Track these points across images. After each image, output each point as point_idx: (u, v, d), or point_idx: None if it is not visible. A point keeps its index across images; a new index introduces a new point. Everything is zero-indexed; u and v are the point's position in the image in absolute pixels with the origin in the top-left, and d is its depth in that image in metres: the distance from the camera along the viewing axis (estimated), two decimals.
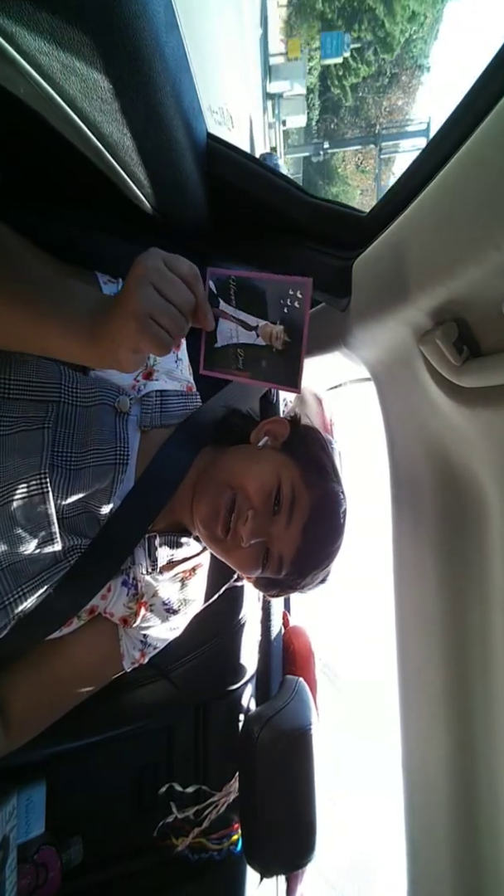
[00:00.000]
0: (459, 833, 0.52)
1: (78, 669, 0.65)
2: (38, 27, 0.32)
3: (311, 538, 0.60)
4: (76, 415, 0.56)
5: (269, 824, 0.78)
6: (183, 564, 0.69)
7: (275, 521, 0.60)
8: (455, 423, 0.46)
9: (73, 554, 0.57)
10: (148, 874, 0.87)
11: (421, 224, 0.43)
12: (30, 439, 0.53)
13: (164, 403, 0.65)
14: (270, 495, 0.59)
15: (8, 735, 0.60)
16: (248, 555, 0.60)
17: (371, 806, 5.90)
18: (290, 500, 0.60)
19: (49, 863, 0.79)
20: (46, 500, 0.53)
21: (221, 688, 0.93)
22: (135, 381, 0.63)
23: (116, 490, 0.59)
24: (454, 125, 0.41)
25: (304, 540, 0.60)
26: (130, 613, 0.65)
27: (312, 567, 0.62)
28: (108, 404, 0.59)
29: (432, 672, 0.54)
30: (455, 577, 0.52)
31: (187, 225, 0.65)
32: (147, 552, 0.64)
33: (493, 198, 0.31)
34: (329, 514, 0.62)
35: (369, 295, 0.55)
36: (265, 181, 0.61)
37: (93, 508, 0.58)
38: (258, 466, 0.62)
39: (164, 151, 0.48)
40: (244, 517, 0.58)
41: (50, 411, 0.54)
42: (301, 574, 0.62)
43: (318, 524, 0.61)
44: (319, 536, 0.62)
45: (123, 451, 0.59)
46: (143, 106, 0.41)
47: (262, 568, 0.61)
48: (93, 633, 0.65)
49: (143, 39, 0.36)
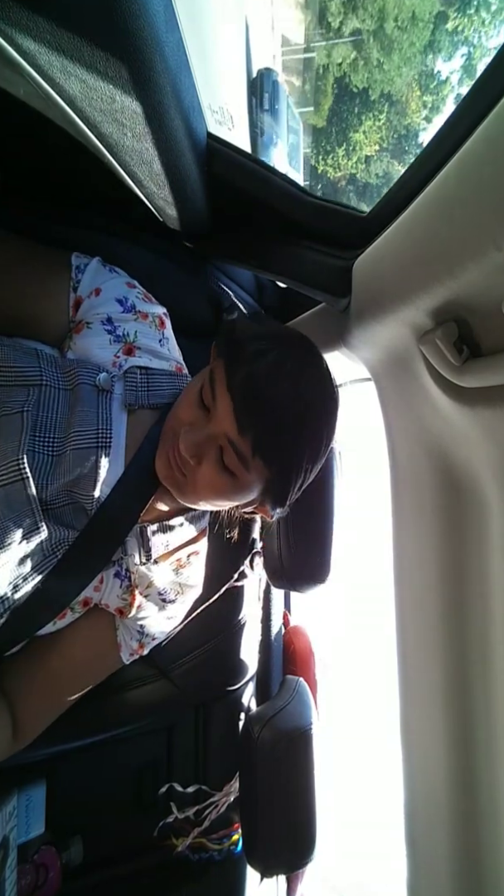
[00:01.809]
0: (459, 832, 0.52)
1: (77, 662, 0.65)
2: (37, 28, 0.32)
3: (238, 389, 0.50)
4: (58, 397, 0.55)
5: (270, 824, 0.78)
6: (179, 553, 0.66)
7: (210, 417, 0.53)
8: (455, 423, 0.46)
9: (61, 547, 0.55)
10: (148, 874, 0.87)
11: (421, 224, 0.43)
12: (8, 424, 0.52)
13: (151, 382, 0.63)
14: (194, 402, 0.54)
15: (15, 736, 0.60)
16: (207, 470, 0.53)
17: (371, 806, 5.90)
18: (210, 386, 0.53)
19: (49, 863, 0.79)
20: (27, 486, 0.51)
21: (222, 688, 0.93)
22: (115, 356, 0.61)
23: (101, 476, 0.56)
24: (454, 125, 0.41)
25: (233, 399, 0.50)
26: (125, 604, 0.64)
27: (265, 423, 0.50)
28: (89, 383, 0.57)
29: (432, 671, 0.54)
30: (455, 577, 0.52)
31: (187, 225, 0.64)
32: (140, 542, 0.62)
33: (492, 198, 0.31)
34: (247, 356, 0.51)
35: (369, 295, 0.55)
36: (265, 181, 0.61)
37: (79, 497, 0.56)
38: (183, 392, 0.58)
39: (164, 151, 0.48)
40: (179, 438, 0.53)
41: (31, 395, 0.53)
42: (262, 446, 0.51)
43: (237, 372, 0.51)
44: (244, 381, 0.50)
45: (106, 433, 0.56)
46: (142, 106, 0.41)
47: (231, 471, 0.53)
48: (90, 625, 0.65)
49: (143, 39, 0.36)
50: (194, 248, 0.73)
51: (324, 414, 0.55)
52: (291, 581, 0.84)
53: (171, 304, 0.69)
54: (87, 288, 0.61)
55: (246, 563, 0.88)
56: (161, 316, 0.66)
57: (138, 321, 0.63)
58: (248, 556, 0.90)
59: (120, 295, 0.62)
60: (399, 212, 0.48)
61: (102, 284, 0.61)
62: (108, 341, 0.61)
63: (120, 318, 0.61)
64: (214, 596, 0.81)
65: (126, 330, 0.62)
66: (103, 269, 0.63)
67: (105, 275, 0.63)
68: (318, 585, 0.86)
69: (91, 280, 0.61)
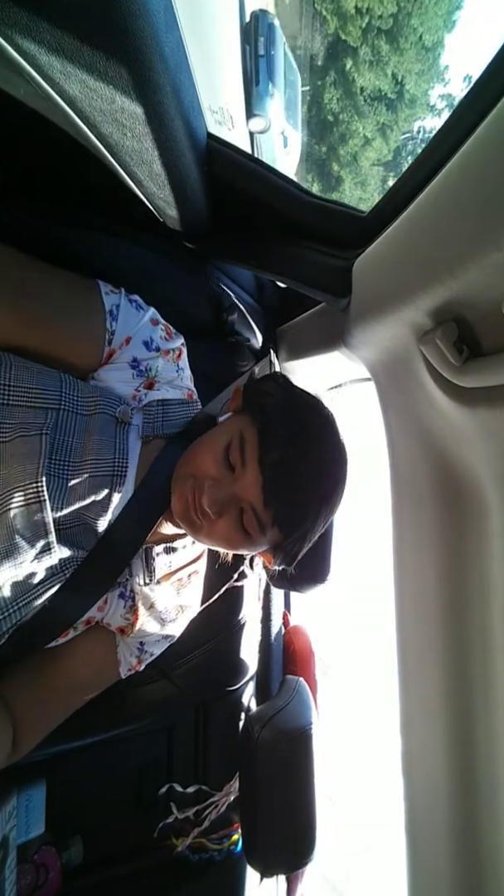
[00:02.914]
0: (460, 831, 0.52)
1: (76, 677, 0.65)
2: (37, 28, 0.32)
3: (269, 468, 0.54)
4: (76, 423, 0.55)
5: (270, 824, 0.78)
6: (180, 573, 0.68)
7: (235, 478, 0.56)
8: (455, 423, 0.46)
9: (70, 566, 0.56)
10: (148, 874, 0.87)
11: (421, 224, 0.43)
12: (27, 445, 0.52)
13: (166, 413, 0.65)
14: (220, 457, 0.56)
15: (15, 747, 0.60)
16: (225, 525, 0.57)
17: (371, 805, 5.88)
18: (239, 447, 0.55)
19: (49, 863, 0.79)
20: (44, 509, 0.52)
21: (222, 688, 0.93)
22: (135, 391, 0.62)
23: (113, 503, 0.58)
24: (454, 125, 0.41)
25: (264, 475, 0.54)
26: (127, 624, 0.65)
27: (288, 502, 0.55)
28: (110, 414, 0.58)
29: (432, 671, 0.54)
30: (455, 577, 0.52)
31: (187, 225, 0.64)
32: (145, 563, 0.64)
33: (493, 198, 0.31)
34: (281, 436, 0.55)
35: (369, 295, 0.55)
36: (265, 181, 0.61)
37: (89, 520, 0.57)
38: (207, 440, 0.60)
39: (164, 151, 0.48)
40: (203, 489, 0.55)
41: (49, 418, 0.53)
42: (282, 519, 0.55)
43: (270, 451, 0.54)
44: (276, 463, 0.54)
45: (122, 464, 0.58)
46: (142, 106, 0.41)
47: (247, 532, 0.57)
48: (90, 641, 0.66)
49: (143, 39, 0.36)
50: (194, 248, 0.73)
51: (340, 488, 0.60)
52: (291, 581, 0.84)
53: (170, 303, 0.69)
54: (120, 339, 0.60)
55: (246, 563, 0.88)
56: (180, 347, 0.67)
57: (161, 358, 0.64)
58: (248, 556, 0.90)
59: (147, 337, 0.62)
60: (399, 212, 0.48)
61: (132, 332, 0.61)
62: (132, 376, 0.62)
63: (145, 358, 0.62)
64: (215, 596, 0.81)
65: (149, 366, 0.63)
66: (131, 309, 0.61)
67: (133, 318, 0.61)
68: (318, 585, 0.86)
69: (123, 329, 0.60)
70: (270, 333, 1.01)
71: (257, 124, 6.83)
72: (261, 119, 6.78)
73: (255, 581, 0.93)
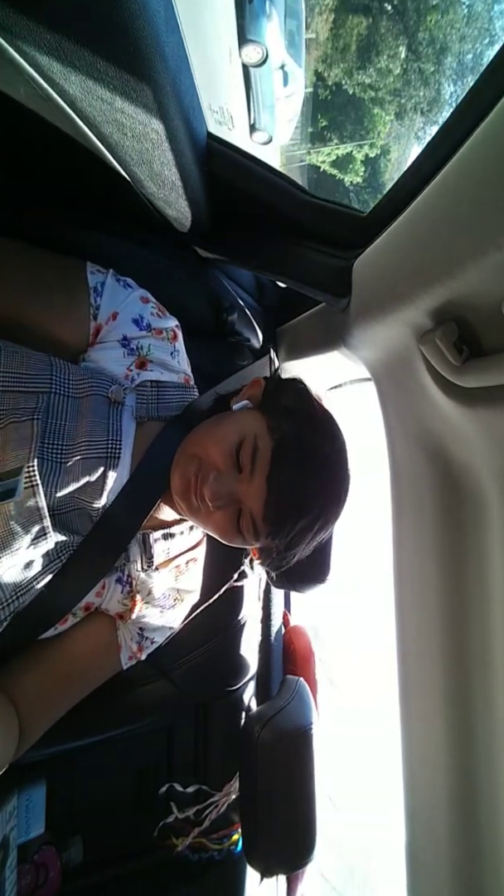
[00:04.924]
0: (460, 831, 0.52)
1: (77, 662, 0.65)
2: (37, 28, 0.32)
3: (276, 488, 0.55)
4: (67, 405, 0.55)
5: (270, 824, 0.78)
6: (178, 559, 0.68)
7: (241, 478, 0.57)
8: (455, 423, 0.46)
9: (66, 552, 0.56)
10: (148, 874, 0.87)
11: (421, 224, 0.43)
12: (20, 431, 0.52)
13: (161, 395, 0.64)
14: (230, 453, 0.56)
15: (21, 736, 0.60)
16: (222, 518, 0.58)
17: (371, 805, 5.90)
18: (251, 453, 0.56)
19: (49, 863, 0.79)
20: (37, 493, 0.52)
21: (222, 688, 0.93)
22: (127, 370, 0.62)
23: (108, 485, 0.57)
24: (454, 125, 0.41)
25: (270, 491, 0.55)
26: (126, 609, 0.65)
27: (286, 523, 0.56)
28: (102, 395, 0.58)
29: (432, 671, 0.54)
30: (455, 577, 0.52)
31: (187, 225, 0.64)
32: (143, 549, 0.63)
33: (492, 198, 0.31)
34: (293, 460, 0.56)
35: (369, 295, 0.55)
36: (265, 181, 0.61)
37: (84, 504, 0.57)
38: (220, 428, 0.60)
39: (165, 151, 0.48)
40: (207, 479, 0.56)
41: (40, 402, 0.53)
42: (277, 534, 0.57)
43: (281, 471, 0.55)
44: (284, 484, 0.55)
45: (116, 445, 0.58)
46: (142, 106, 0.41)
47: (241, 532, 0.58)
48: (90, 626, 0.66)
49: (143, 39, 0.36)
50: (194, 248, 0.73)
51: (340, 511, 0.61)
52: (291, 581, 0.84)
53: (170, 303, 0.69)
54: (106, 314, 0.60)
55: (246, 563, 0.88)
56: (174, 329, 0.67)
57: (153, 337, 0.64)
58: (247, 556, 0.90)
59: (136, 314, 0.62)
60: (399, 212, 0.48)
61: (119, 307, 0.61)
62: (122, 354, 0.61)
63: (135, 336, 0.62)
64: (215, 596, 0.81)
65: (140, 344, 0.62)
66: (118, 287, 0.62)
67: (120, 294, 0.62)
68: (318, 585, 0.86)
69: (108, 304, 0.60)
70: (270, 333, 1.01)
71: (252, 54, 5.21)
72: (256, 47, 5.16)
73: (255, 581, 0.93)
